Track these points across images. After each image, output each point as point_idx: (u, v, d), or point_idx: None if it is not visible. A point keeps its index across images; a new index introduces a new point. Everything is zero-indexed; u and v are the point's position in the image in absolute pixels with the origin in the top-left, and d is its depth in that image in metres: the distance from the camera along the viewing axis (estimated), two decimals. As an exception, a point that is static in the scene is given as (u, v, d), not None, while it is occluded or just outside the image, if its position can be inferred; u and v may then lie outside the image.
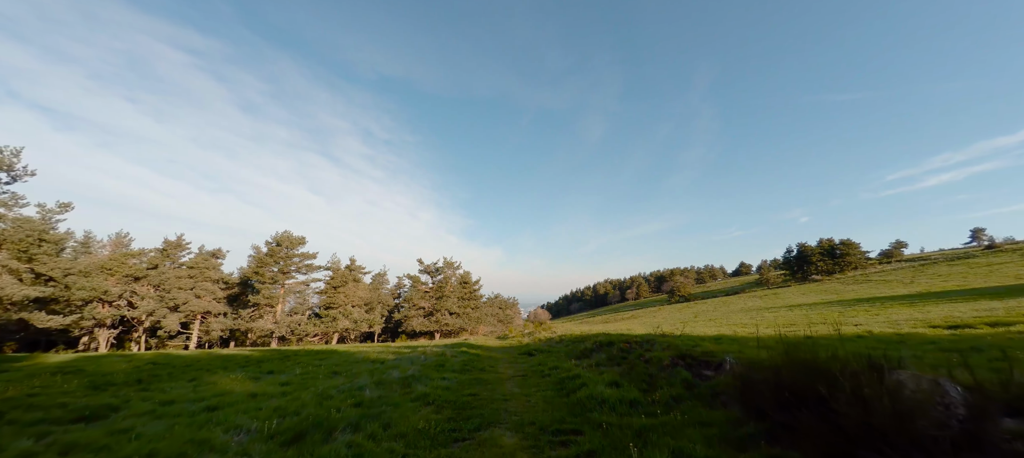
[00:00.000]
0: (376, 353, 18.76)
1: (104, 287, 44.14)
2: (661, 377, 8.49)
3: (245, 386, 10.97)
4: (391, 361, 14.85)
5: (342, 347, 25.01)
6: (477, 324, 51.08)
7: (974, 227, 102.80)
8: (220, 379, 11.82)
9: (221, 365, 15.63)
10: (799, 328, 22.28)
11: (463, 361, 14.08)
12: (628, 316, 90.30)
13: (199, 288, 47.18)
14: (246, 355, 19.39)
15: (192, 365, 15.28)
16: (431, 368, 12.51)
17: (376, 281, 62.28)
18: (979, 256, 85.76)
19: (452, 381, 10.33)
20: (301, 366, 15.56)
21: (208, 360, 17.15)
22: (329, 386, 10.11)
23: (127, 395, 9.92)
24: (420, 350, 17.47)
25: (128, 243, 55.09)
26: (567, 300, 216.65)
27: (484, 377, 11.03)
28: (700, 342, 12.40)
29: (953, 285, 57.56)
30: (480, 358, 15.77)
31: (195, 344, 48.27)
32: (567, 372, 10.60)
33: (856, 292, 68.21)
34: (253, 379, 11.83)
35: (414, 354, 16.24)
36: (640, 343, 12.59)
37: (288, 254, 44.54)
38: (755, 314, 46.78)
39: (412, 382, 10.10)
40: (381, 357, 17.09)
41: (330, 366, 14.48)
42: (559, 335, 22.94)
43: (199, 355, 19.56)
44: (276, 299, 43.57)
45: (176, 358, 17.76)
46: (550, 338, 22.45)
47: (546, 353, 15.85)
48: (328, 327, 43.55)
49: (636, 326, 43.55)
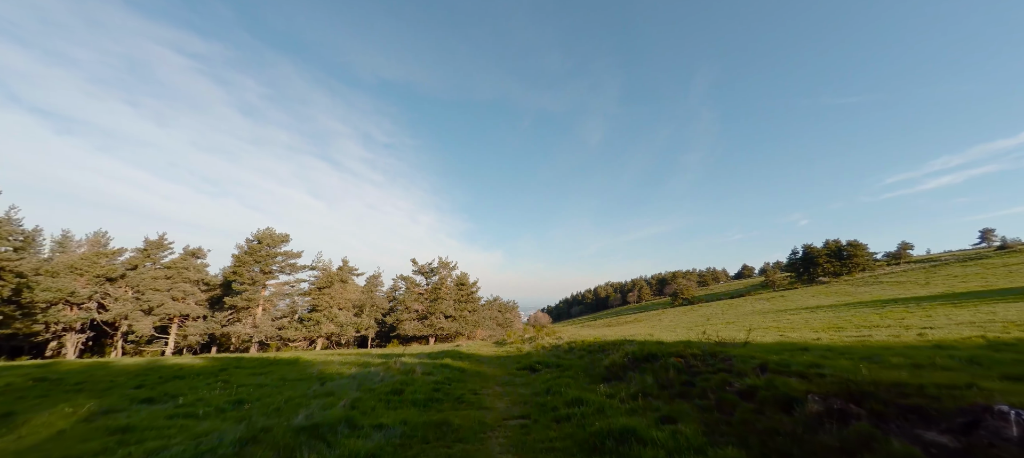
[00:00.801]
0: (336, 367, 14.06)
1: (70, 288, 39.61)
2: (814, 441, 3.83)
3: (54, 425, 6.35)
4: (334, 382, 10.18)
5: (308, 355, 20.29)
6: (474, 328, 46.26)
7: (983, 228, 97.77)
8: (35, 418, 7.13)
9: (74, 387, 10.92)
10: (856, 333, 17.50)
11: (435, 384, 9.36)
12: (631, 319, 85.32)
13: (177, 290, 42.55)
14: (134, 368, 14.69)
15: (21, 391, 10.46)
16: (381, 397, 7.86)
17: (370, 283, 57.55)
18: (993, 257, 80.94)
19: (395, 432, 5.63)
20: (220, 384, 10.92)
21: (59, 377, 12.45)
22: (179, 441, 5.49)
23: None
24: (386, 364, 12.77)
25: (106, 242, 50.57)
26: (568, 303, 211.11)
27: (457, 420, 6.31)
28: (798, 355, 7.69)
29: (975, 286, 52.79)
30: (464, 376, 11.08)
31: (172, 350, 43.54)
32: (599, 413, 5.87)
33: (871, 293, 63.31)
34: (85, 421, 7.12)
35: (372, 370, 11.53)
36: (705, 357, 7.88)
37: (270, 253, 39.88)
38: (775, 317, 41.93)
39: (331, 431, 5.49)
40: (330, 372, 12.40)
41: (239, 391, 9.78)
42: (567, 342, 18.20)
43: (47, 370, 14.88)
44: (255, 301, 38.84)
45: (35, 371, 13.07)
46: (556, 345, 17.72)
47: (555, 369, 11.10)
48: (311, 331, 38.77)
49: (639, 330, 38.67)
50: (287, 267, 40.95)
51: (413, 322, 43.60)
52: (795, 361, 7.68)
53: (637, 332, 26.07)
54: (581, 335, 21.63)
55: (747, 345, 9.92)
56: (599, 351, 12.69)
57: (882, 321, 21.67)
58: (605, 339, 16.27)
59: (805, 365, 6.93)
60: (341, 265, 50.84)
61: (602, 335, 20.35)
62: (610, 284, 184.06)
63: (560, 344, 17.75)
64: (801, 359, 7.87)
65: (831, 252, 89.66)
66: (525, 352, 17.63)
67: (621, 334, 21.35)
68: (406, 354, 19.30)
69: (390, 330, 49.75)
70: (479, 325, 47.92)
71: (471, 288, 48.97)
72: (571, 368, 10.73)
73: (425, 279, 47.08)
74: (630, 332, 26.25)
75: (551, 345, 18.15)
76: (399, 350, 25.76)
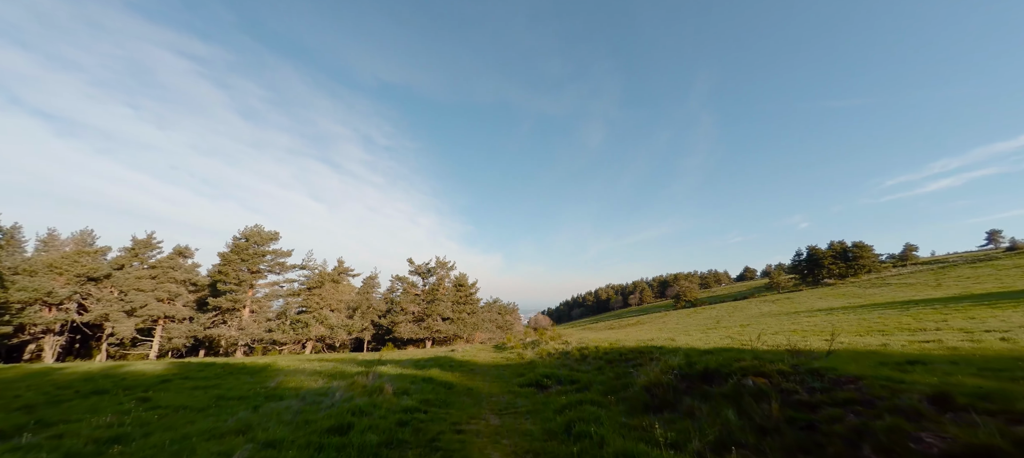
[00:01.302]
0: (302, 378, 11.27)
1: (48, 288, 36.90)
2: None
3: None
4: (278, 403, 7.38)
5: (283, 361, 17.51)
6: (473, 330, 43.34)
7: (990, 229, 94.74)
8: None
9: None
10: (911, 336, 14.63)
11: (404, 412, 6.53)
12: (634, 322, 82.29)
13: (162, 290, 39.78)
14: (62, 379, 11.92)
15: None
16: (314, 438, 5.09)
17: (367, 284, 54.75)
18: (1002, 258, 77.94)
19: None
20: (135, 404, 8.16)
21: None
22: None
23: None
24: (353, 380, 9.97)
25: (92, 241, 47.91)
26: (568, 306, 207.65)
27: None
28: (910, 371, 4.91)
29: (991, 287, 49.87)
30: (450, 395, 8.27)
31: (156, 353, 40.73)
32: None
33: (881, 295, 60.29)
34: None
35: (333, 386, 8.71)
36: (800, 376, 5.05)
37: (258, 251, 37.09)
38: (791, 320, 38.98)
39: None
40: (289, 386, 9.63)
41: (146, 416, 6.97)
42: (576, 347, 15.33)
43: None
44: (242, 303, 36.03)
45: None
46: (564, 352, 14.87)
47: (570, 387, 8.25)
48: (299, 334, 35.90)
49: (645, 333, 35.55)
50: (276, 266, 38.13)
51: (409, 325, 40.72)
52: (923, 382, 4.93)
53: (650, 335, 23.19)
54: (591, 339, 18.73)
55: (831, 355, 7.09)
56: (622, 361, 9.85)
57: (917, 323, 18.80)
58: (624, 345, 13.42)
59: (972, 392, 4.15)
60: (336, 265, 48.07)
61: (617, 340, 17.45)
62: (611, 286, 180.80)
63: (568, 350, 14.87)
64: (926, 379, 5.10)
65: (836, 254, 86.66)
66: (528, 360, 14.78)
67: (637, 338, 18.51)
68: (390, 361, 16.47)
69: (386, 333, 46.91)
70: (478, 328, 45.01)
71: (470, 289, 46.10)
72: (591, 386, 7.89)
73: (422, 280, 44.22)
74: (643, 335, 23.39)
75: (558, 351, 15.30)
76: (391, 355, 22.95)
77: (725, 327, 35.35)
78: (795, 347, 8.60)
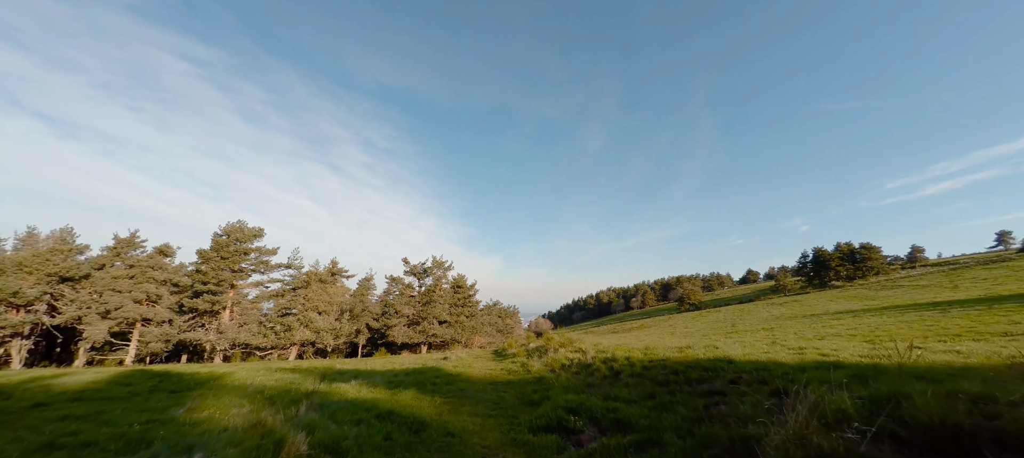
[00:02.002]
0: (229, 399, 7.75)
1: (13, 288, 33.44)
2: None
3: None
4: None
5: (243, 372, 13.93)
6: (472, 334, 39.71)
7: (1000, 230, 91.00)
8: None
9: None
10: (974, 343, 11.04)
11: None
12: (637, 325, 78.45)
13: (138, 291, 36.30)
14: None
15: None
16: None
17: (362, 286, 51.20)
18: (1016, 259, 74.35)
19: None
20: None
21: None
22: None
23: None
24: (289, 402, 6.48)
25: (72, 240, 44.51)
26: (569, 309, 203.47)
27: None
28: None
29: (1014, 288, 46.18)
30: (414, 451, 4.76)
31: (132, 358, 37.15)
32: None
33: (896, 298, 56.45)
34: None
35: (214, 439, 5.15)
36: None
37: (240, 249, 33.64)
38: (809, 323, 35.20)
39: None
40: (194, 420, 6.07)
41: None
42: (598, 357, 11.70)
43: None
44: (222, 304, 32.53)
45: None
46: (583, 363, 11.28)
47: (623, 442, 4.67)
48: (281, 339, 32.36)
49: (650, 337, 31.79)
50: (260, 265, 34.66)
51: (403, 328, 37.11)
52: None
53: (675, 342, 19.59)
54: (611, 346, 15.03)
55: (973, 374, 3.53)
56: (682, 381, 6.24)
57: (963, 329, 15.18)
58: (663, 356, 9.80)
59: None
60: (328, 265, 44.59)
61: (648, 347, 13.77)
62: (612, 289, 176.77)
63: (589, 362, 11.25)
64: None
65: (843, 255, 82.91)
66: (535, 374, 11.18)
67: (661, 343, 14.94)
68: (363, 373, 12.89)
69: (380, 337, 43.30)
70: (477, 331, 41.37)
71: (468, 291, 42.53)
72: (660, 434, 4.33)
73: (418, 281, 40.66)
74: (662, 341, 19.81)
75: (574, 362, 11.68)
76: (371, 364, 19.40)
77: (747, 331, 31.60)
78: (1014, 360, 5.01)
